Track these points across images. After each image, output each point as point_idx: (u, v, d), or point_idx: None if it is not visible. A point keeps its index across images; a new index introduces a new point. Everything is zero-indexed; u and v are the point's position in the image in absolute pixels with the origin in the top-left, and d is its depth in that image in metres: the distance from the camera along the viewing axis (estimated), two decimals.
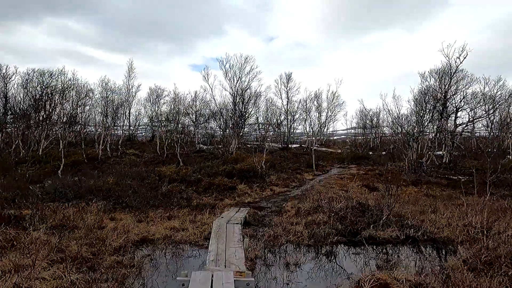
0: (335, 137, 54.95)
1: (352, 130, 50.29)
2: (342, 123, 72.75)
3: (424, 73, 21.72)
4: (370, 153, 29.65)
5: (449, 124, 20.38)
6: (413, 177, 16.81)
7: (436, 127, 18.77)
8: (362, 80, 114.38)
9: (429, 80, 21.03)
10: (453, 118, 19.55)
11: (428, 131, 19.50)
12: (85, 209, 9.74)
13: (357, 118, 47.74)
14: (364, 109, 40.95)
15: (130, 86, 34.91)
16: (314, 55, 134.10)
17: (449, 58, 17.47)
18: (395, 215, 9.07)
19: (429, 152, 18.67)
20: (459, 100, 18.59)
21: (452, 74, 17.57)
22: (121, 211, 9.69)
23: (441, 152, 20.49)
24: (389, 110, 18.98)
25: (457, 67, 17.34)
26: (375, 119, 40.60)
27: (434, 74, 19.82)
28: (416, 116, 18.22)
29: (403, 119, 19.67)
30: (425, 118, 17.69)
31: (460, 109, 18.94)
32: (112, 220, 8.88)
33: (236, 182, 14.37)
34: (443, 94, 17.89)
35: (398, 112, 18.69)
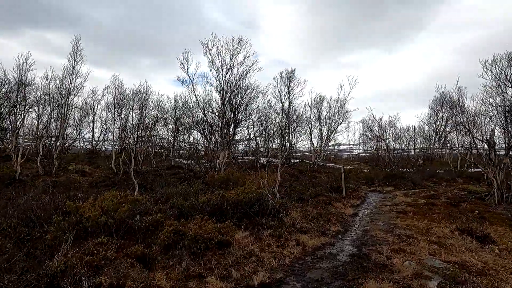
0: (337, 151, 48.76)
1: (356, 145, 44.33)
2: (344, 136, 66.83)
3: (486, 60, 15.98)
4: (404, 170, 23.38)
5: None
6: None
7: None
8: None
9: (496, 68, 15.19)
10: None
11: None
12: None
13: (363, 129, 42.16)
14: (373, 118, 35.25)
15: (75, 75, 27.73)
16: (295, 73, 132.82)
17: None
18: None
19: None
20: None
21: None
22: None
23: None
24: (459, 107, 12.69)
25: None
26: (388, 130, 34.77)
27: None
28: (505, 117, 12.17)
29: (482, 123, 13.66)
30: None
31: None
32: None
33: (230, 227, 7.42)
34: None
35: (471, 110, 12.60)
